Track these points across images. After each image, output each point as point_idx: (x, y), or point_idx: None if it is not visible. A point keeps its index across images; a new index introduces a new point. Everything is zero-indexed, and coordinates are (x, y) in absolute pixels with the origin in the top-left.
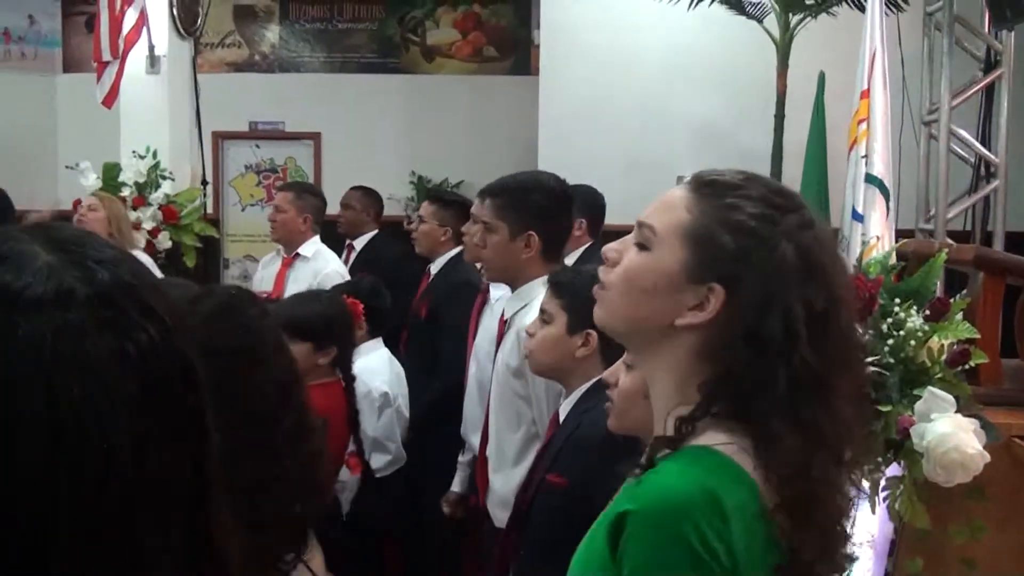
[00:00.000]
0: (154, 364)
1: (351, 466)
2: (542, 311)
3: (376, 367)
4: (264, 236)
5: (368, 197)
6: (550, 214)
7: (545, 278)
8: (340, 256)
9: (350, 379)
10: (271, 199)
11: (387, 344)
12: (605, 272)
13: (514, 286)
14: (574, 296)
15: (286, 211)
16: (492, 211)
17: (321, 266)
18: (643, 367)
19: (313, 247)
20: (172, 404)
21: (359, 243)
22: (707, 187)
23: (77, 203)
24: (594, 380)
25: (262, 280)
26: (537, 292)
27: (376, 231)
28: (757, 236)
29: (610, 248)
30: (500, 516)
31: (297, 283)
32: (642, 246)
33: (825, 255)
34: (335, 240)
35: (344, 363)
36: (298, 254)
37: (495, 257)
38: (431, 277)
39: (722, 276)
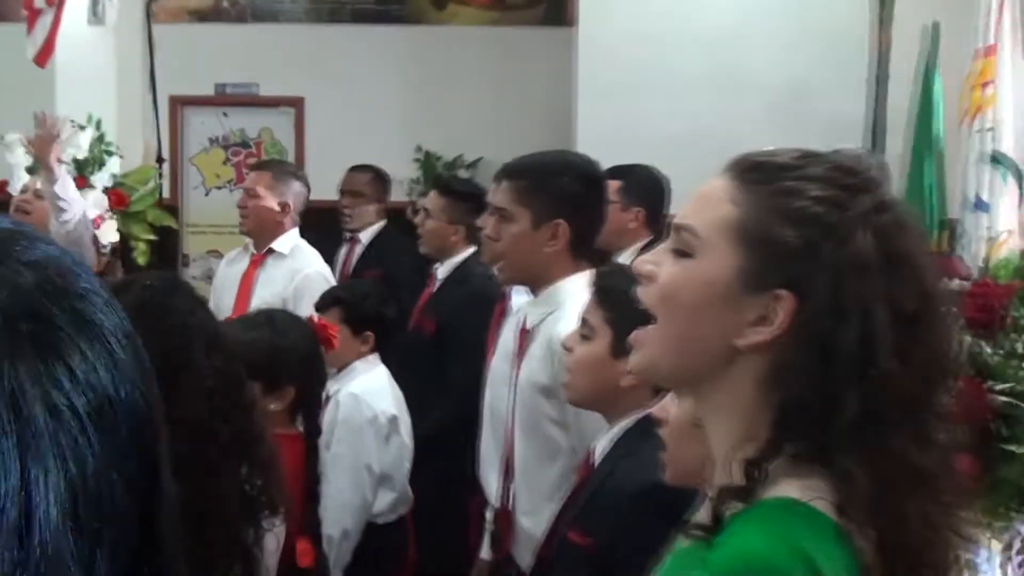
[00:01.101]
0: (93, 392)
1: (300, 555)
2: (583, 322)
3: (379, 387)
4: (234, 227)
5: (379, 181)
6: (582, 201)
7: (574, 279)
8: (340, 252)
9: (314, 431)
10: (242, 180)
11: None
12: (640, 293)
13: (536, 288)
14: (624, 308)
15: (260, 197)
16: (511, 195)
17: (299, 266)
18: (699, 407)
19: (290, 242)
20: (116, 437)
21: (365, 237)
22: (754, 171)
23: (3, 185)
24: (640, 415)
25: (224, 282)
26: (565, 295)
27: (384, 222)
28: (824, 225)
29: (642, 262)
30: (530, 561)
31: (268, 286)
32: (682, 253)
33: (910, 242)
34: (322, 233)
35: (308, 409)
36: (271, 250)
37: (513, 251)
38: (438, 284)
39: (787, 279)
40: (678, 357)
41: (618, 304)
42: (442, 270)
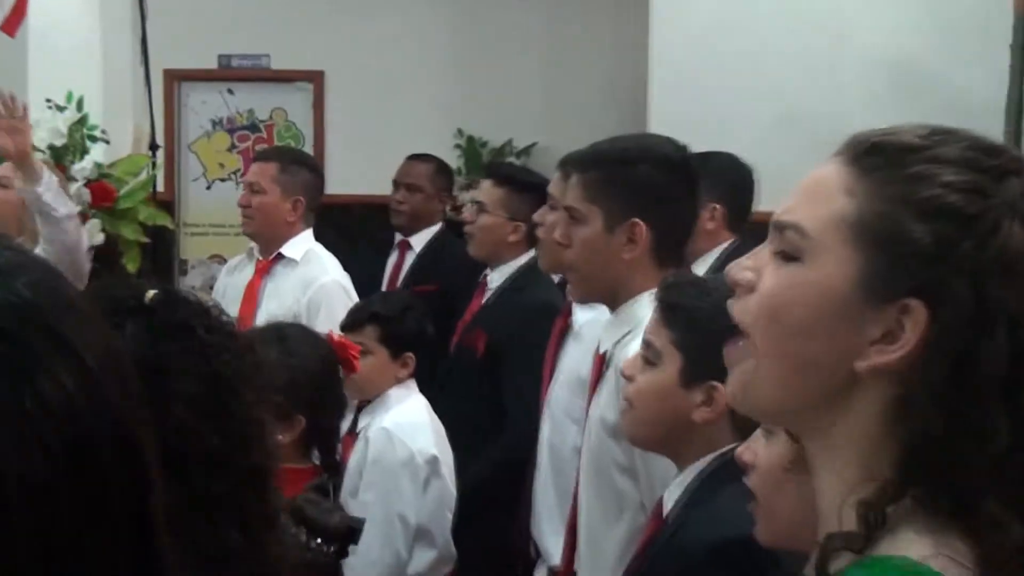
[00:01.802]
0: (67, 425)
1: None
2: (645, 345)
3: (417, 421)
4: (240, 227)
5: (442, 176)
6: (667, 195)
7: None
8: (390, 260)
9: (333, 467)
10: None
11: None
12: (735, 307)
13: (613, 303)
14: (695, 327)
15: (265, 192)
16: (581, 190)
17: (314, 274)
18: (807, 446)
19: (303, 246)
20: (94, 484)
21: (419, 240)
22: (873, 155)
23: None
24: (717, 457)
25: (226, 294)
26: (645, 313)
27: (441, 225)
28: (963, 217)
29: (738, 268)
30: None
31: (277, 299)
32: (787, 257)
33: None
34: (342, 234)
35: (324, 441)
36: (280, 255)
37: (586, 260)
38: (489, 294)
39: (919, 286)
40: (784, 386)
41: (688, 322)
42: (496, 277)
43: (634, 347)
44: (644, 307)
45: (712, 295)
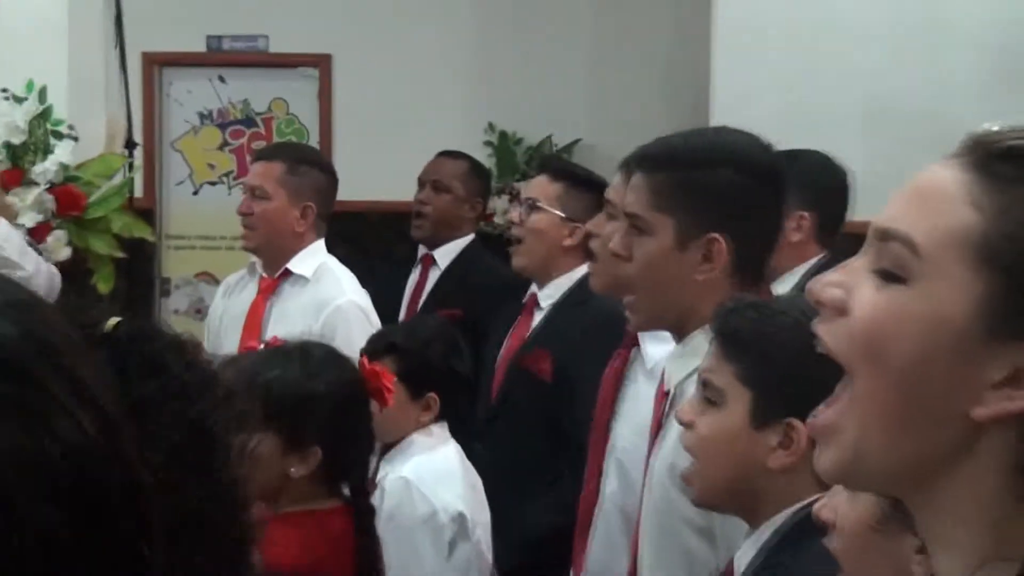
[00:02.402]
0: (80, 472)
1: None
2: (704, 383)
3: (443, 470)
4: (234, 241)
5: (476, 179)
6: (752, 205)
7: None
8: (411, 277)
9: (365, 508)
10: (245, 172)
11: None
12: (822, 329)
13: (679, 332)
14: (763, 356)
15: (269, 197)
16: (648, 196)
17: (328, 294)
18: (917, 511)
19: (314, 260)
20: (103, 534)
21: (445, 255)
22: (1007, 162)
23: None
24: (797, 510)
25: (223, 319)
26: None
27: (472, 237)
28: None
29: (826, 284)
30: None
31: (285, 323)
32: (891, 276)
33: None
34: (357, 247)
35: (353, 475)
36: (288, 272)
37: (649, 277)
38: (540, 312)
39: None
40: (893, 444)
41: (755, 351)
42: (549, 292)
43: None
44: None
45: (779, 318)
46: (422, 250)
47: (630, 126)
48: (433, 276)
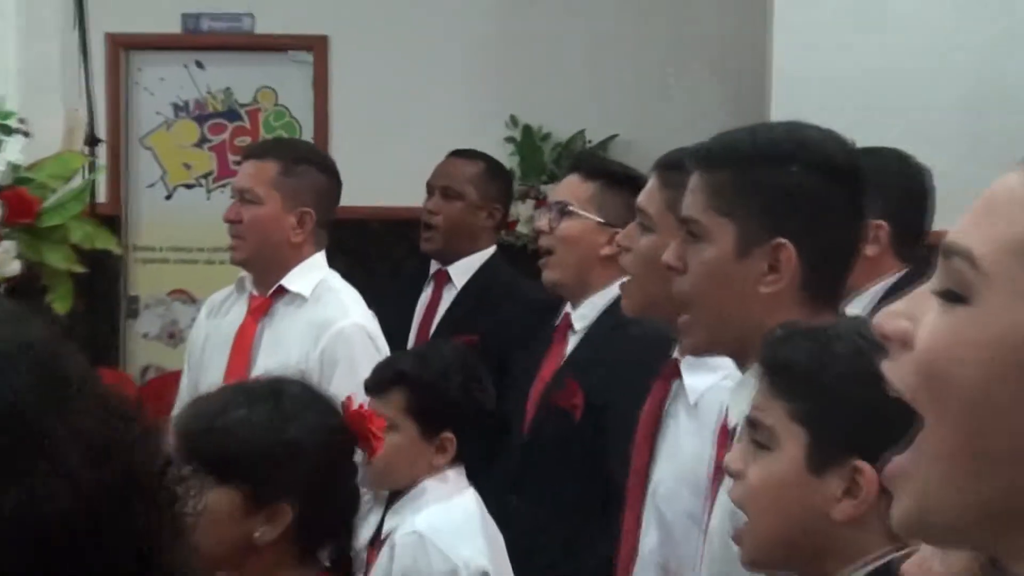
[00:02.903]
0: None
1: None
2: (752, 424)
3: (462, 523)
4: (214, 253)
5: (493, 180)
6: (826, 208)
7: None
8: (422, 297)
9: (347, 573)
10: (227, 173)
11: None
12: (889, 370)
13: (743, 357)
14: (822, 390)
15: (262, 201)
16: (705, 197)
17: (329, 315)
18: (1009, 557)
19: (313, 275)
20: None
21: (461, 271)
22: None
23: None
24: (864, 570)
25: (206, 344)
26: None
27: (493, 250)
28: None
29: (887, 315)
30: None
31: (278, 349)
32: (953, 297)
33: None
34: (358, 259)
35: (336, 542)
36: (283, 290)
37: (707, 291)
38: (576, 338)
39: None
40: (964, 486)
41: (811, 385)
42: (583, 313)
43: None
44: None
45: (836, 345)
46: (434, 265)
47: (675, 120)
48: (448, 295)
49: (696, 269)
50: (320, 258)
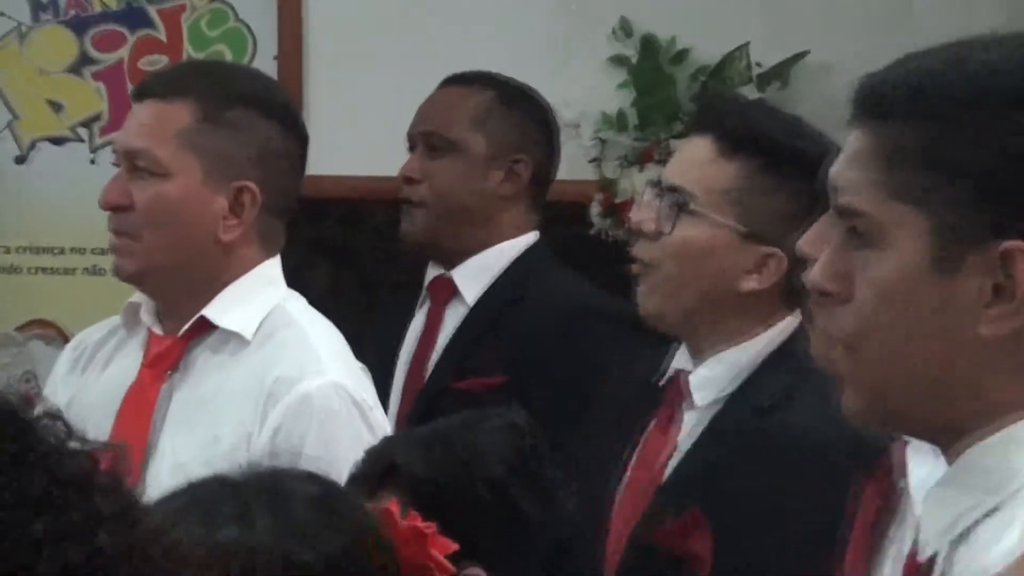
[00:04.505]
0: None
1: None
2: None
3: None
4: (95, 255)
5: (514, 109)
6: None
7: None
8: (416, 318)
9: None
10: (118, 126)
11: None
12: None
13: (952, 435)
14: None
15: (166, 173)
16: (880, 177)
17: (288, 368)
18: None
19: (257, 298)
20: None
21: (472, 276)
22: None
23: None
24: None
25: (70, 409)
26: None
27: (534, 237)
28: None
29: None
30: None
31: (195, 427)
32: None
33: None
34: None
35: None
36: (205, 324)
37: (890, 339)
38: (691, 411)
39: None
40: None
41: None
42: (711, 373)
43: (1009, 544)
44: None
45: None
46: (431, 271)
47: (892, 31)
48: (453, 317)
49: (865, 294)
50: (270, 269)
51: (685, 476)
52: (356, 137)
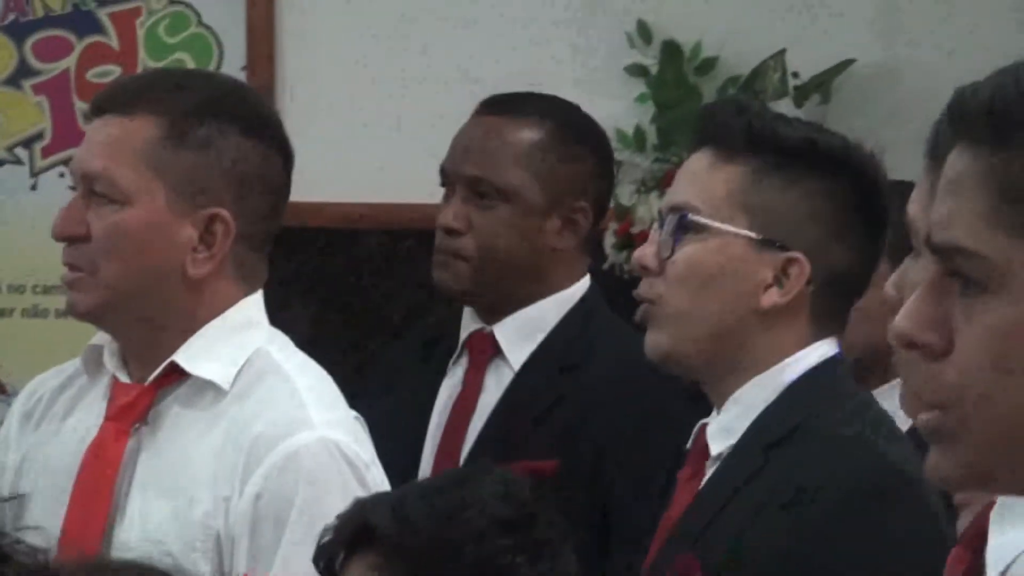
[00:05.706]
0: None
1: None
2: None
3: None
4: (47, 295)
5: (572, 149)
6: None
7: None
8: (448, 379)
9: None
10: (72, 138)
11: None
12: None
13: None
14: None
15: (128, 199)
16: (990, 206)
17: (273, 423)
18: None
19: (236, 341)
20: None
21: (518, 334)
22: None
23: None
24: None
25: (18, 478)
26: None
27: (587, 283)
28: None
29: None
30: None
31: (164, 489)
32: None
33: None
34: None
35: None
36: (176, 371)
37: (996, 397)
38: (708, 463)
39: None
40: None
41: None
42: (732, 421)
43: None
44: None
45: None
46: (468, 322)
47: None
48: (495, 380)
49: (973, 345)
50: (250, 308)
51: (686, 525)
52: (338, 158)
